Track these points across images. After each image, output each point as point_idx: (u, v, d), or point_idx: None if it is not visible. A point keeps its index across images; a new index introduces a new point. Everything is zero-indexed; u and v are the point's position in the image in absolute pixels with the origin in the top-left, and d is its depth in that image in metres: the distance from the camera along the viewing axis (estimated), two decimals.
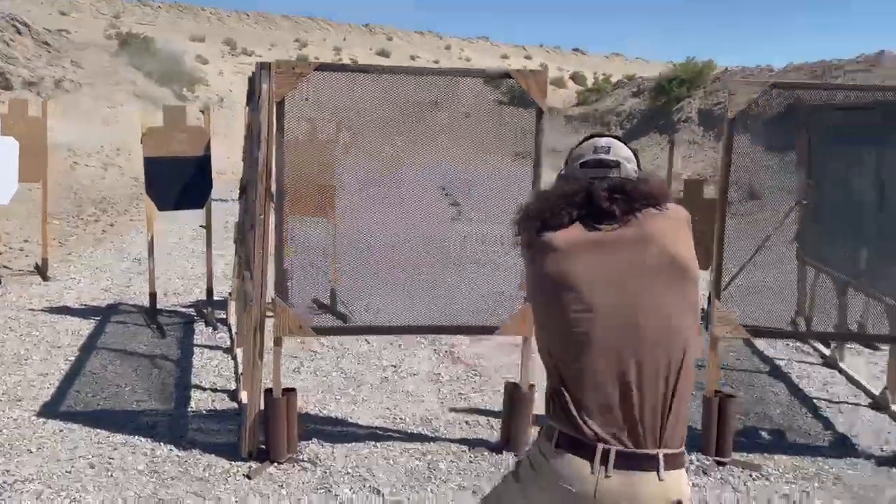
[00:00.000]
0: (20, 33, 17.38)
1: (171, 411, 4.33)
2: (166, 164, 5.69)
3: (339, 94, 3.51)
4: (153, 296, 5.99)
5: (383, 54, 42.97)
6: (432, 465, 3.78)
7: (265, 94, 3.51)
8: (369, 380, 4.95)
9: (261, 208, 3.61)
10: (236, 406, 4.35)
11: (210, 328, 5.82)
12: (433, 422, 4.31)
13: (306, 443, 3.93)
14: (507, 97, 3.79)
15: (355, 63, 39.70)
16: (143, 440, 3.93)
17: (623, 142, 1.94)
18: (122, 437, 3.95)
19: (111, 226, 10.14)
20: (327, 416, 4.36)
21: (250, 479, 3.56)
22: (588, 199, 1.81)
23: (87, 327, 5.75)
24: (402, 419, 4.35)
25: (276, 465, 3.70)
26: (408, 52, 44.67)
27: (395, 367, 5.20)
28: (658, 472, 1.69)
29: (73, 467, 3.64)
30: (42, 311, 6.16)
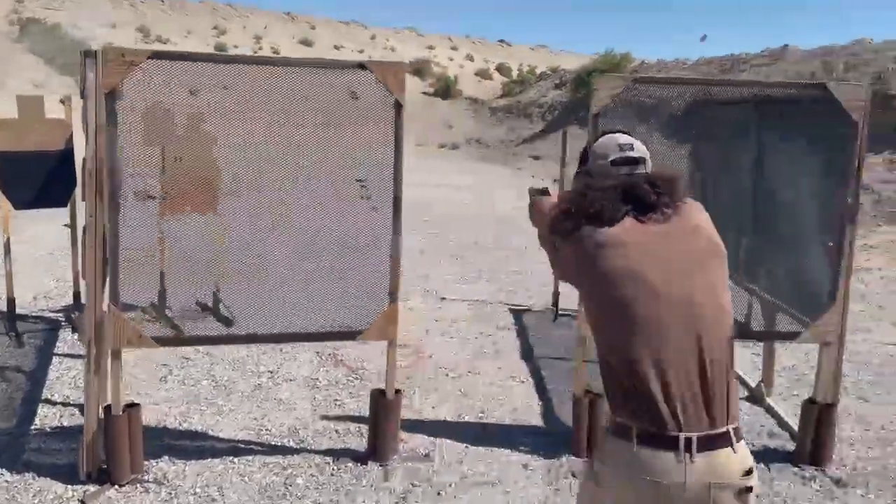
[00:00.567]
0: None
1: (12, 430, 3.97)
2: (22, 159, 5.26)
3: (177, 84, 3.22)
4: (11, 301, 5.55)
5: (306, 43, 42.08)
6: (290, 480, 3.56)
7: (91, 84, 3.20)
8: (241, 387, 4.68)
9: (91, 208, 3.30)
10: None
11: (76, 335, 5.43)
12: (301, 432, 4.09)
13: (156, 461, 3.66)
14: (369, 89, 3.57)
15: (238, 52, 38.72)
16: None
17: (630, 133, 2.09)
18: None
19: None
20: (187, 429, 4.08)
21: None
22: (630, 194, 1.91)
23: None
24: (268, 430, 4.11)
25: (116, 487, 3.41)
26: (331, 41, 43.86)
27: (271, 372, 4.94)
28: (732, 446, 1.81)
29: None
30: None
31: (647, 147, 2.11)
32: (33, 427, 4.01)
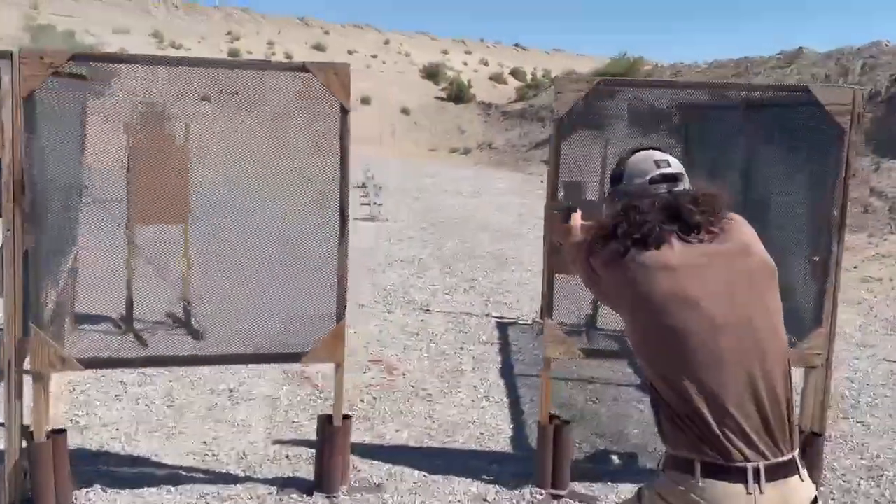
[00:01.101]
0: None
1: None
2: None
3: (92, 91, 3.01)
4: None
5: (319, 48, 42.11)
6: None
7: (6, 88, 2.99)
8: (197, 407, 4.45)
9: (9, 222, 3.08)
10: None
11: None
12: (250, 458, 3.85)
13: (88, 489, 3.43)
14: (319, 92, 3.33)
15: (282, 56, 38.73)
16: None
17: (662, 150, 2.01)
18: None
19: None
20: (129, 454, 3.86)
21: None
22: (673, 214, 1.82)
23: None
24: (215, 455, 3.87)
25: None
26: (345, 46, 43.83)
27: (231, 391, 4.71)
28: (799, 474, 1.74)
29: None
30: None
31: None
32: None
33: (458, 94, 36.19)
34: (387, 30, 51.53)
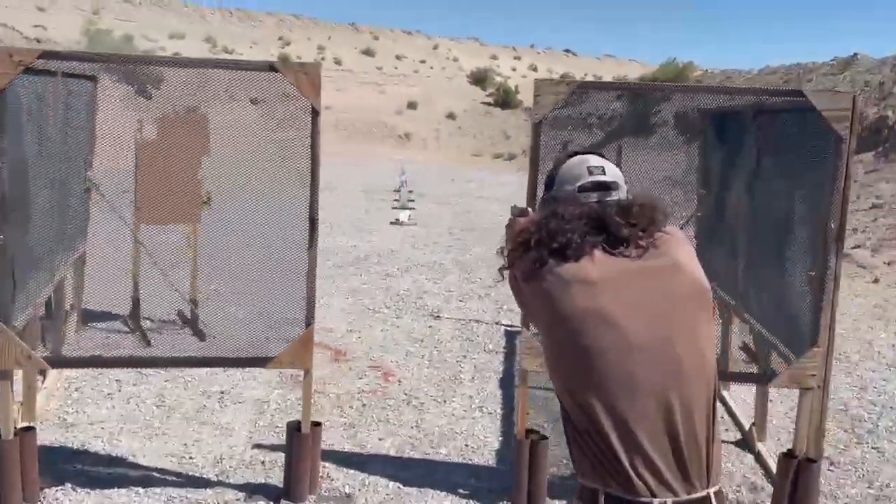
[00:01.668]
0: None
1: None
2: None
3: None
4: None
5: (368, 53, 42.45)
6: None
7: None
8: (185, 408, 4.44)
9: None
10: None
11: None
12: (225, 462, 3.81)
13: (59, 488, 3.43)
14: (285, 93, 3.28)
15: (338, 61, 39.18)
16: None
17: (602, 155, 1.84)
18: None
19: None
20: (108, 453, 3.86)
21: None
22: (600, 225, 1.68)
23: None
24: (192, 459, 3.84)
25: None
26: (393, 51, 44.11)
27: (223, 393, 4.69)
28: None
29: None
30: None
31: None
32: None
33: (505, 100, 36.03)
34: (437, 35, 51.66)
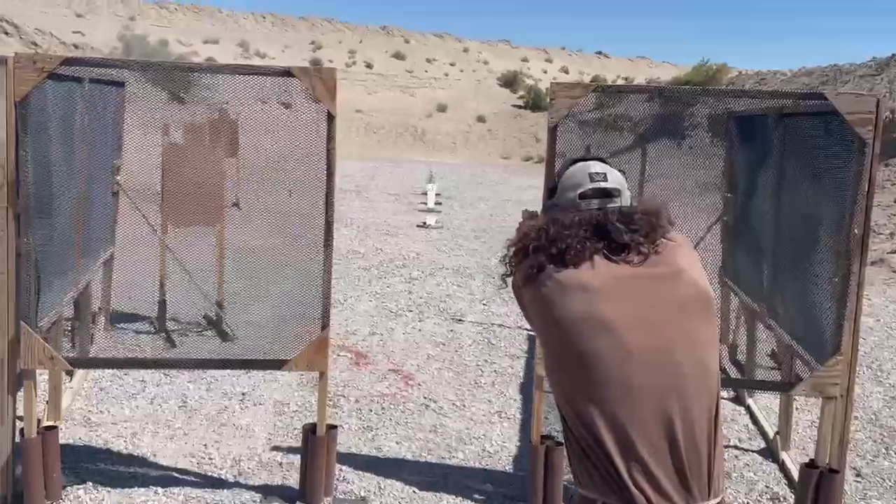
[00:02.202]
0: (7, 34, 17.37)
1: None
2: None
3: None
4: None
5: (399, 57, 42.63)
6: None
7: (1, 91, 3.09)
8: (207, 409, 4.49)
9: (3, 222, 3.18)
10: None
11: None
12: (243, 463, 3.85)
13: (79, 486, 3.50)
14: (299, 98, 3.30)
15: (369, 65, 39.42)
16: None
17: (606, 161, 1.84)
18: None
19: None
20: (129, 453, 3.92)
21: None
22: (601, 231, 1.69)
23: None
24: (211, 459, 3.89)
25: None
26: (424, 54, 44.25)
27: (244, 394, 4.73)
28: None
29: None
30: None
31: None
32: None
33: (535, 102, 35.89)
34: (467, 38, 51.68)
